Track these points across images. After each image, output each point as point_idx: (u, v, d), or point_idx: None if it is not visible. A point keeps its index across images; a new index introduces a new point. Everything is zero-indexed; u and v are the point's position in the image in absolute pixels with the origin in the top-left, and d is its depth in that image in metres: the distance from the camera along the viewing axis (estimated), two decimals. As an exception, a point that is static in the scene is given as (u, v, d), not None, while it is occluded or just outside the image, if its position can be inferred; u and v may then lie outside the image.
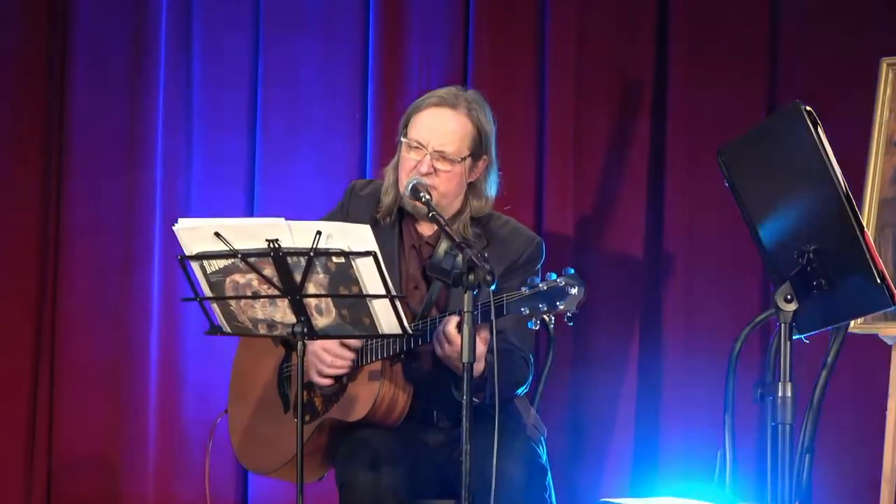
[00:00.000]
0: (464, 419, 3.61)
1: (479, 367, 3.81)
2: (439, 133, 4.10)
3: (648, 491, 5.01)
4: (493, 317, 3.72)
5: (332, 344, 3.99)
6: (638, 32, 5.24)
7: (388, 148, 4.36)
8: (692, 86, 5.19)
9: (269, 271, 3.66)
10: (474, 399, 3.82)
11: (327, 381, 4.04)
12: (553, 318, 3.84)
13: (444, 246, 4.03)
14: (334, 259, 3.62)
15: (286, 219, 3.62)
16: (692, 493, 4.06)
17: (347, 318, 3.71)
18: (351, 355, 4.01)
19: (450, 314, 3.90)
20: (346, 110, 5.40)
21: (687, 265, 5.18)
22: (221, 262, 3.68)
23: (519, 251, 4.16)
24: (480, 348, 3.77)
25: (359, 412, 4.00)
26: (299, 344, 3.71)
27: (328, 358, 4.01)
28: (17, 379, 5.48)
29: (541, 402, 4.40)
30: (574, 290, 3.75)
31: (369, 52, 5.38)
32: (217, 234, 3.65)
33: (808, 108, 3.09)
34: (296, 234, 3.62)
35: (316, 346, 3.99)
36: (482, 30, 5.29)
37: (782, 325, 3.17)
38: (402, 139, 4.14)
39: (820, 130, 3.08)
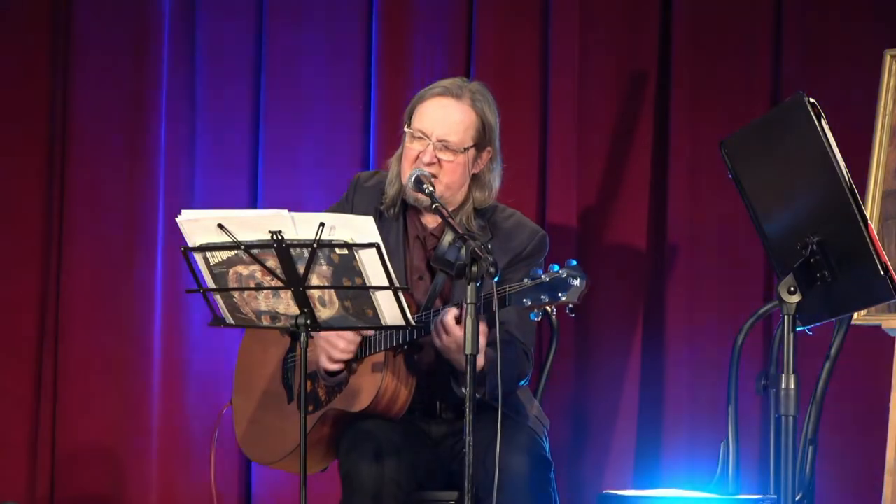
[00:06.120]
0: (467, 411, 3.61)
1: (479, 360, 3.81)
2: (443, 123, 4.10)
3: (651, 483, 5.02)
4: (496, 308, 3.72)
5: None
6: (642, 22, 5.24)
7: (392, 139, 4.36)
8: (696, 76, 5.18)
9: (272, 263, 3.66)
10: (475, 395, 3.82)
11: (339, 366, 4.04)
12: (555, 309, 3.84)
13: (448, 237, 4.02)
14: (338, 251, 3.62)
15: (289, 210, 3.62)
16: (695, 485, 4.06)
17: (351, 309, 3.71)
18: (359, 339, 4.02)
19: (454, 304, 3.89)
20: (349, 101, 5.39)
21: (690, 257, 5.17)
22: (225, 254, 3.68)
23: (523, 244, 4.16)
24: (481, 342, 3.77)
25: (362, 403, 4.00)
26: (302, 336, 3.71)
27: (342, 343, 4.00)
28: (20, 372, 5.48)
29: (544, 395, 4.40)
30: (576, 282, 3.75)
31: (372, 43, 5.37)
32: (220, 226, 3.64)
33: (811, 99, 3.09)
34: (299, 225, 3.62)
35: (328, 332, 3.99)
36: (486, 21, 5.28)
37: (785, 317, 3.17)
38: (406, 129, 4.14)
39: (823, 122, 3.08)
